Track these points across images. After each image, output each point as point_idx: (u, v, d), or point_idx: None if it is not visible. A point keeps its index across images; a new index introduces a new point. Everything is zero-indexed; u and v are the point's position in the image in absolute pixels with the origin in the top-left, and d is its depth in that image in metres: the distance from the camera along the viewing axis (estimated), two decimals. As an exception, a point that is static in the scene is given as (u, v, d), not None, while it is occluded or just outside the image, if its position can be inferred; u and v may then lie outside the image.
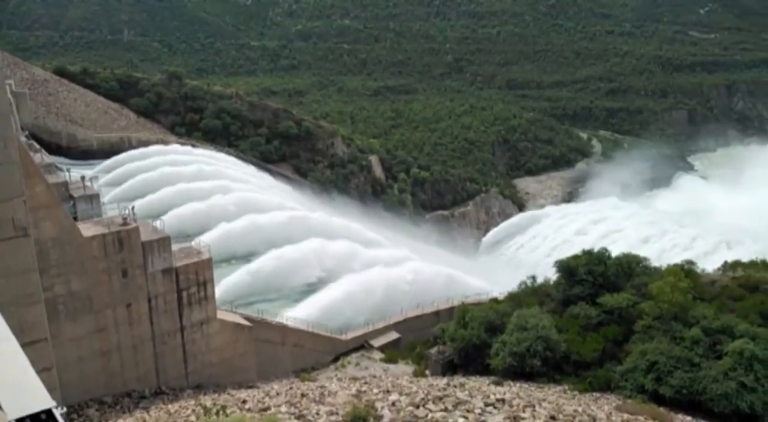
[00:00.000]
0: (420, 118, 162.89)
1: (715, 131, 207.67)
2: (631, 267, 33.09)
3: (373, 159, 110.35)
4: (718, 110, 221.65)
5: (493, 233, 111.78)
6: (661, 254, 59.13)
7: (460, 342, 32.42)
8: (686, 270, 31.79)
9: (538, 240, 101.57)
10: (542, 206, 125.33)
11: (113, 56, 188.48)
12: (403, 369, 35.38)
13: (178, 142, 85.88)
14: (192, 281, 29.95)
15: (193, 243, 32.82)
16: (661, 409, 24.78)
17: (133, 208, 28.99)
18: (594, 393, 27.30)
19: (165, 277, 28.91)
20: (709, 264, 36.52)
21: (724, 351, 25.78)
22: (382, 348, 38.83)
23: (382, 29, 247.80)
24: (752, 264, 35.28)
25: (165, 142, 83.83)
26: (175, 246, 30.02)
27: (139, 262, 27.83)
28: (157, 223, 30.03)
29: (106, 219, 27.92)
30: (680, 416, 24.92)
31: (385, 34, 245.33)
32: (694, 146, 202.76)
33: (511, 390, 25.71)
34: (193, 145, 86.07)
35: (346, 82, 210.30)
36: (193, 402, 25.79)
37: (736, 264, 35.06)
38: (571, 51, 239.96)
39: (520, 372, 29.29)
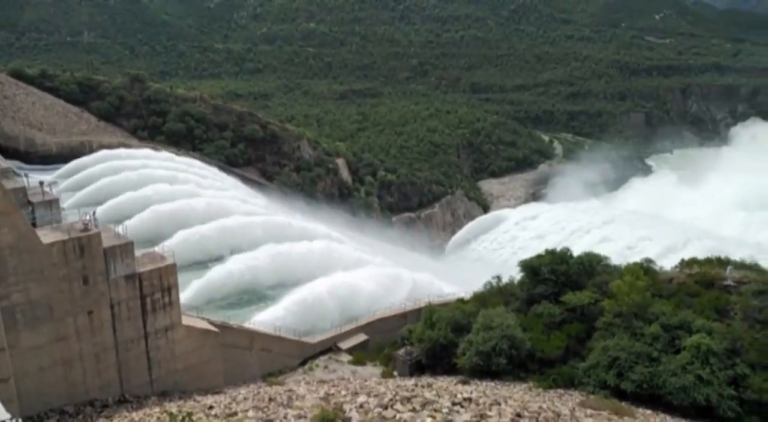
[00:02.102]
0: (386, 122, 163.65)
1: (671, 133, 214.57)
2: (592, 266, 33.85)
3: (340, 162, 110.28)
4: (674, 113, 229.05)
5: (459, 234, 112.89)
6: (620, 253, 60.59)
7: (428, 342, 32.68)
8: (645, 268, 32.71)
9: (503, 240, 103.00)
10: (506, 207, 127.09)
11: (73, 59, 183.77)
12: (372, 370, 35.47)
13: (140, 146, 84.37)
14: (156, 287, 29.46)
15: (156, 248, 32.29)
16: (623, 404, 25.40)
17: (94, 213, 28.37)
18: (558, 390, 27.82)
19: (128, 283, 28.38)
20: (667, 262, 37.60)
21: (682, 346, 26.60)
22: (350, 351, 38.83)
23: (348, 33, 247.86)
24: (707, 261, 36.44)
25: (127, 146, 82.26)
26: (138, 252, 29.50)
27: (100, 269, 27.25)
28: (120, 229, 29.45)
29: (66, 226, 27.28)
30: (641, 410, 25.56)
31: (351, 37, 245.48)
32: (652, 148, 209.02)
33: (478, 388, 26.05)
34: (156, 149, 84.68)
35: (311, 86, 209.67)
36: (158, 409, 25.41)
37: (692, 262, 36.18)
38: (532, 55, 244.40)
39: (486, 370, 29.67)
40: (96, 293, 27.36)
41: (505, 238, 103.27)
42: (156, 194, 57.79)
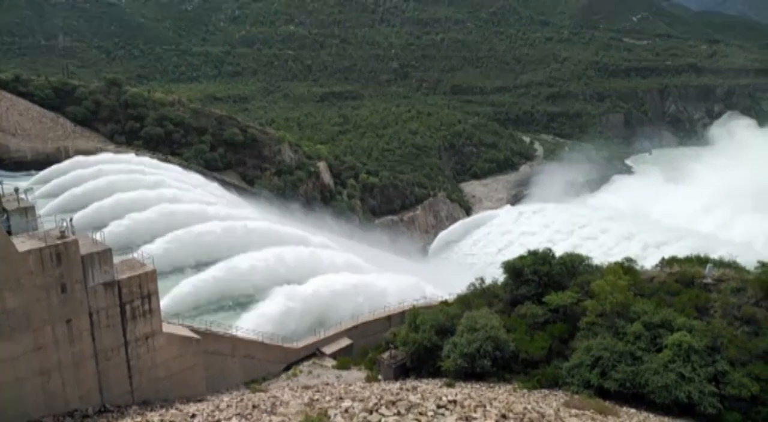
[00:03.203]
0: (367, 124, 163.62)
1: (649, 133, 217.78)
2: (574, 266, 34.05)
3: (321, 165, 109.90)
4: (652, 113, 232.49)
5: (442, 236, 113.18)
6: (602, 252, 61.23)
7: (412, 345, 32.62)
8: (626, 268, 32.97)
9: (486, 242, 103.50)
10: (488, 209, 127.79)
11: (48, 63, 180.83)
12: (356, 375, 35.30)
13: (118, 151, 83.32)
14: (135, 294, 29.02)
15: (136, 254, 31.82)
16: (607, 403, 25.55)
17: (71, 220, 27.88)
18: (543, 390, 27.91)
19: (107, 291, 27.91)
20: (647, 261, 37.99)
21: (664, 344, 26.83)
22: (334, 355, 38.66)
23: (328, 35, 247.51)
24: (687, 259, 36.86)
25: (104, 151, 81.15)
26: (117, 259, 29.05)
27: (78, 276, 26.78)
28: (98, 235, 28.96)
29: (43, 233, 26.74)
30: (625, 409, 25.74)
31: (331, 40, 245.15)
32: (631, 148, 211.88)
33: (463, 391, 26.01)
34: (137, 154, 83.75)
35: (291, 88, 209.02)
36: (139, 418, 25.03)
37: (673, 261, 36.56)
38: (512, 57, 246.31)
39: (471, 372, 29.68)
40: (74, 301, 26.87)
41: (488, 240, 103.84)
42: (135, 200, 57.00)
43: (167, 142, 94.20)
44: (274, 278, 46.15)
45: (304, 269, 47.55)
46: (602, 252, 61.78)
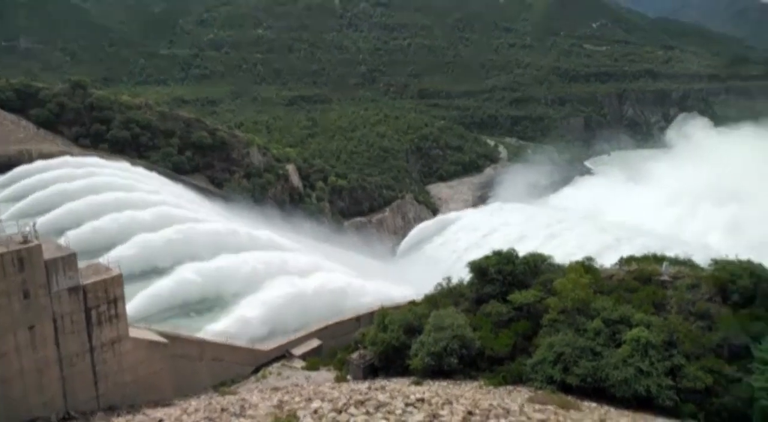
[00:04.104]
0: (336, 127, 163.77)
1: (608, 136, 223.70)
2: (537, 266, 34.87)
3: (290, 168, 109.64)
4: (611, 117, 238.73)
5: (409, 238, 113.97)
6: (564, 251, 62.49)
7: (380, 345, 32.96)
8: (587, 267, 33.92)
9: (452, 242, 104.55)
10: (454, 210, 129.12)
11: (9, 65, 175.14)
12: (325, 375, 35.48)
13: (83, 154, 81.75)
14: (101, 299, 28.73)
15: (101, 259, 31.48)
16: (569, 398, 26.22)
17: (34, 224, 27.50)
18: (508, 387, 28.50)
19: (71, 296, 27.59)
20: (606, 260, 39.07)
21: (623, 340, 27.60)
22: (303, 357, 38.77)
23: (296, 39, 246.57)
24: (645, 258, 38.13)
25: (69, 155, 79.51)
26: (82, 264, 28.72)
27: (42, 282, 26.42)
28: (62, 240, 28.62)
29: (5, 238, 26.30)
30: (586, 403, 26.44)
31: (299, 44, 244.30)
32: (591, 150, 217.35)
33: (430, 389, 26.44)
34: (102, 157, 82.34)
35: (260, 92, 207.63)
36: (105, 424, 24.77)
37: (631, 259, 37.77)
38: (477, 62, 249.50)
39: (438, 370, 30.14)
40: (37, 307, 26.49)
41: (455, 240, 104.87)
42: (102, 203, 56.10)
43: (134, 145, 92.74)
44: (242, 282, 46.05)
45: (271, 273, 47.49)
46: (564, 251, 63.01)
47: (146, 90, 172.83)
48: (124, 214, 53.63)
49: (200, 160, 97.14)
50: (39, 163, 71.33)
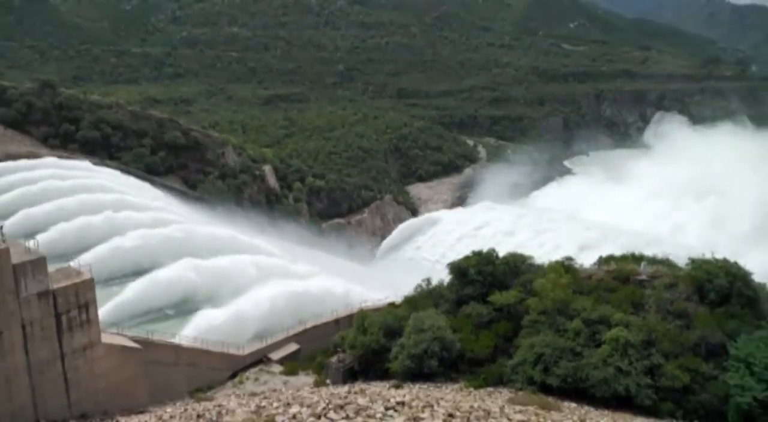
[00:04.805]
0: (313, 127, 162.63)
1: (587, 136, 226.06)
2: (517, 266, 34.85)
3: (267, 168, 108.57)
4: (589, 117, 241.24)
5: (389, 239, 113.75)
6: (543, 251, 62.92)
7: (360, 348, 32.62)
8: (566, 267, 34.00)
9: (432, 243, 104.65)
10: (434, 210, 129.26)
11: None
12: (304, 380, 35.03)
13: (52, 155, 79.88)
14: (72, 304, 27.99)
15: (72, 263, 30.64)
16: (550, 398, 26.25)
17: (1, 227, 26.68)
18: (488, 388, 28.41)
19: (41, 301, 26.81)
20: (585, 259, 39.20)
21: (603, 340, 27.73)
22: (281, 361, 38.22)
23: (272, 37, 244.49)
24: (623, 258, 38.38)
25: (37, 155, 77.64)
26: (52, 268, 27.91)
27: (9, 286, 25.61)
28: (31, 243, 27.76)
29: (-31, 242, 25.45)
30: (567, 403, 26.50)
31: (275, 42, 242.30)
32: (570, 150, 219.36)
33: (411, 392, 26.23)
34: (71, 158, 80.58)
35: (235, 91, 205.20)
36: (76, 433, 24.07)
37: (610, 259, 37.99)
38: (456, 61, 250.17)
39: (418, 373, 29.91)
40: (5, 313, 25.70)
41: (434, 241, 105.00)
42: (71, 206, 54.81)
43: (105, 145, 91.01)
44: (217, 285, 45.36)
45: (247, 276, 46.85)
46: (544, 251, 63.51)
47: (117, 89, 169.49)
48: (94, 217, 52.41)
49: (174, 161, 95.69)
50: (5, 164, 69.48)
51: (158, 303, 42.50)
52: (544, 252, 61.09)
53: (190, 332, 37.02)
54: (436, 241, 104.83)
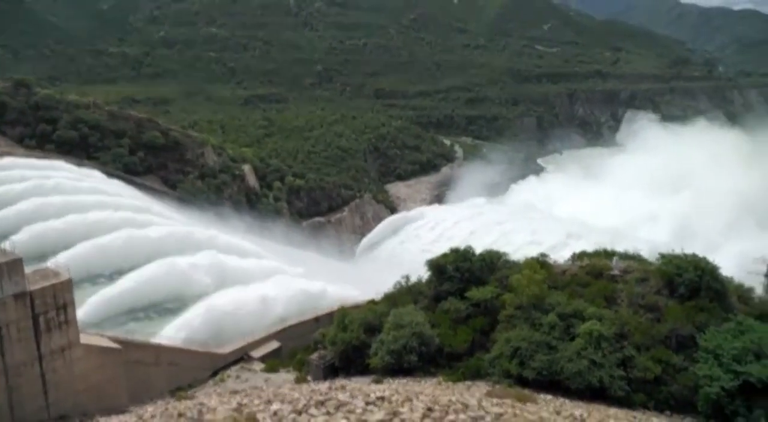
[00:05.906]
0: (292, 127, 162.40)
1: (560, 135, 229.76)
2: (493, 262, 35.35)
3: (246, 168, 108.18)
4: (562, 116, 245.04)
5: (368, 237, 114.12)
6: (519, 248, 63.74)
7: (341, 345, 32.90)
8: (541, 262, 34.61)
9: (410, 241, 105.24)
10: (413, 209, 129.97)
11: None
12: (285, 377, 35.22)
13: (29, 155, 78.73)
14: (50, 305, 27.81)
15: (49, 263, 30.46)
16: (526, 391, 26.74)
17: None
18: (466, 382, 28.83)
19: (17, 303, 26.61)
20: (559, 255, 39.94)
21: (577, 333, 28.25)
22: (262, 359, 38.39)
23: (251, 38, 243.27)
24: (596, 253, 39.06)
25: (12, 156, 76.39)
26: (29, 269, 27.72)
27: (-15, 288, 25.40)
28: (7, 244, 27.56)
29: (-55, 243, 25.23)
30: (542, 395, 27.03)
31: (254, 42, 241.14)
32: (543, 149, 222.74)
33: (391, 386, 26.58)
34: (49, 158, 79.44)
35: (214, 91, 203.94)
36: (56, 434, 24.00)
37: (583, 255, 38.67)
38: (432, 63, 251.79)
39: (398, 368, 30.27)
40: (-19, 315, 25.46)
41: (413, 239, 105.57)
42: (49, 206, 54.18)
43: (82, 145, 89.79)
44: (197, 285, 45.27)
45: (228, 276, 46.85)
46: (519, 247, 64.36)
47: (95, 89, 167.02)
48: (73, 218, 51.89)
49: (153, 161, 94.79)
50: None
51: (139, 302, 42.30)
52: (519, 248, 61.93)
53: (170, 332, 36.96)
54: (414, 239, 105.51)
